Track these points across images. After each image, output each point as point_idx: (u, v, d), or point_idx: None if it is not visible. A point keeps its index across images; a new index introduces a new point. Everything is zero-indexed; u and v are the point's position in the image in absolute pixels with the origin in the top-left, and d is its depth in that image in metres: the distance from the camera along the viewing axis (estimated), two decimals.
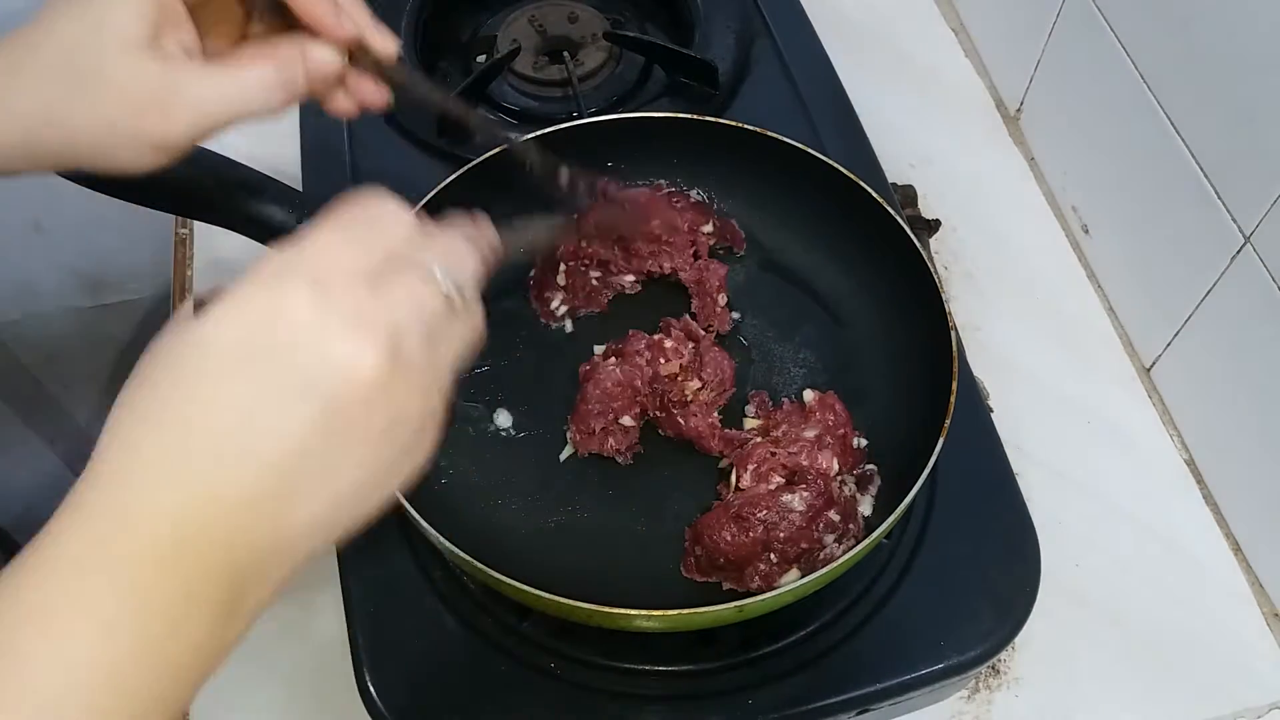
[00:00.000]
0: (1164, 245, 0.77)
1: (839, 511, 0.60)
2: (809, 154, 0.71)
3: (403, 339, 0.36)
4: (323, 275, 0.36)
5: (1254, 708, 0.69)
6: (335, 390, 0.35)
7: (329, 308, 0.35)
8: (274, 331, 0.35)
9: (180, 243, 0.89)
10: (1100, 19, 0.79)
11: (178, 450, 0.34)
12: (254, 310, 0.35)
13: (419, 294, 0.38)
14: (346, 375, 0.35)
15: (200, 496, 0.34)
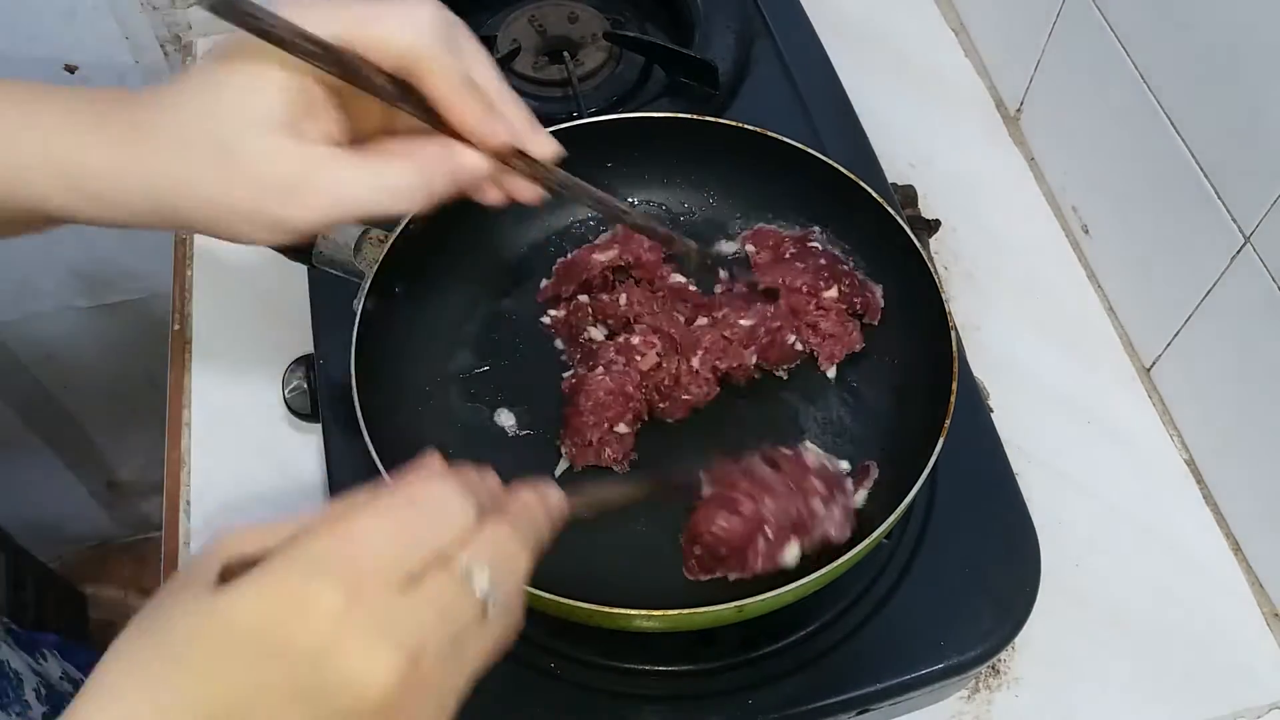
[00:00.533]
0: (1164, 245, 0.77)
1: (819, 477, 0.60)
2: (809, 154, 0.71)
3: (424, 653, 0.34)
4: (357, 576, 0.33)
5: (1254, 708, 0.69)
6: (342, 704, 0.33)
7: (354, 615, 0.33)
8: (293, 628, 0.32)
9: (180, 243, 0.89)
10: (1100, 19, 0.79)
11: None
12: (278, 599, 0.33)
13: (451, 603, 0.35)
14: (358, 691, 0.33)
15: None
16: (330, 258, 0.67)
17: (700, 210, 0.76)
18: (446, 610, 0.35)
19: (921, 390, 0.65)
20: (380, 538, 0.35)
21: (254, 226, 0.45)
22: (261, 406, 0.78)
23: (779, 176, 0.73)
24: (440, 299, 0.72)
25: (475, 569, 0.36)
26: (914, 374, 0.67)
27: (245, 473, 0.76)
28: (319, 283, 0.76)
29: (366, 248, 0.67)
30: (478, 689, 0.61)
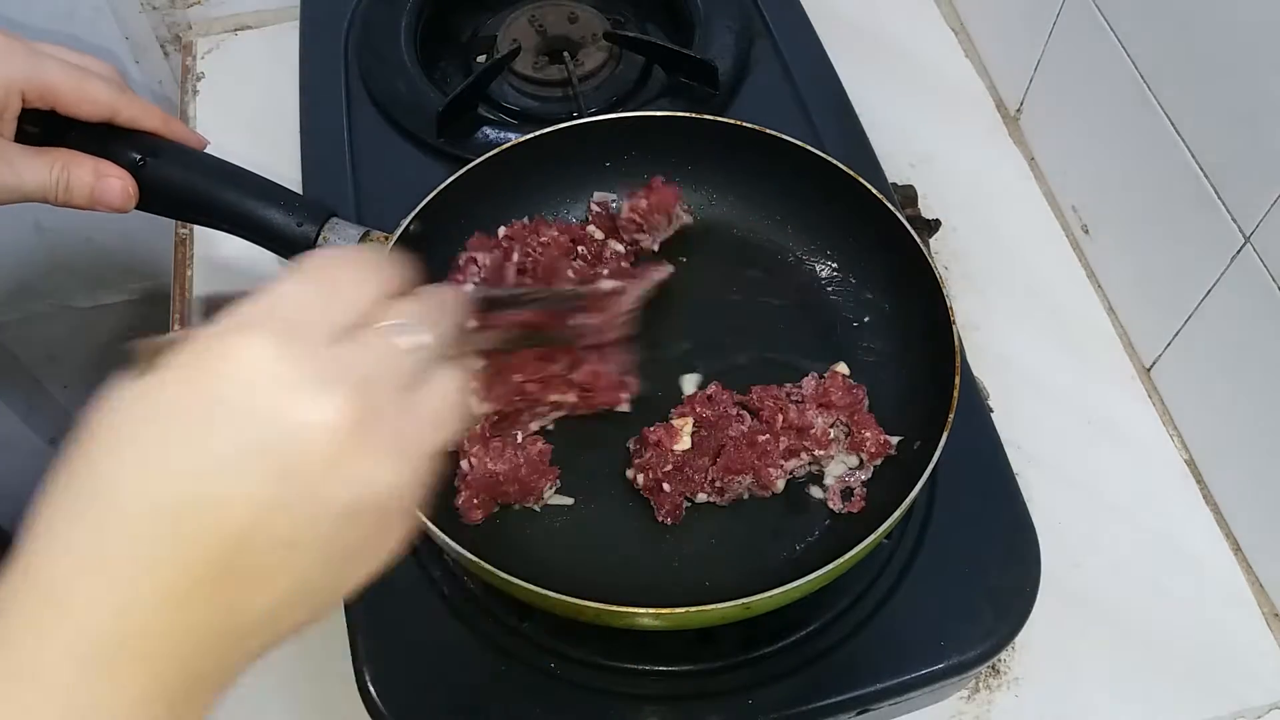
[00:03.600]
0: (1164, 245, 0.77)
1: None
2: (810, 153, 0.71)
3: (370, 395, 0.33)
4: (286, 327, 0.33)
5: (1254, 708, 0.69)
6: (292, 451, 0.32)
7: (292, 361, 0.32)
8: (228, 387, 0.32)
9: (180, 243, 0.89)
10: (1100, 19, 0.79)
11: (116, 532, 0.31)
12: (208, 363, 0.32)
13: (383, 356, 0.35)
14: (306, 435, 0.32)
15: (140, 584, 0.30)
16: None
17: (701, 210, 0.76)
18: (378, 360, 0.35)
19: (923, 390, 0.65)
20: (302, 296, 0.35)
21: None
22: None
23: (780, 175, 0.73)
24: None
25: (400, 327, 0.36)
26: (916, 373, 0.67)
27: None
28: None
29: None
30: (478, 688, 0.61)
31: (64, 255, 1.19)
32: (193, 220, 0.70)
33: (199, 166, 0.66)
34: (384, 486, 0.34)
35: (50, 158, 0.60)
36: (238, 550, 0.31)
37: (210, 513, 0.31)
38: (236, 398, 0.32)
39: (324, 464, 0.32)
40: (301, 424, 0.32)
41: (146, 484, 0.31)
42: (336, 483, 0.32)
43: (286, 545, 0.32)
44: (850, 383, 0.66)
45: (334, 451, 0.32)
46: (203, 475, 0.31)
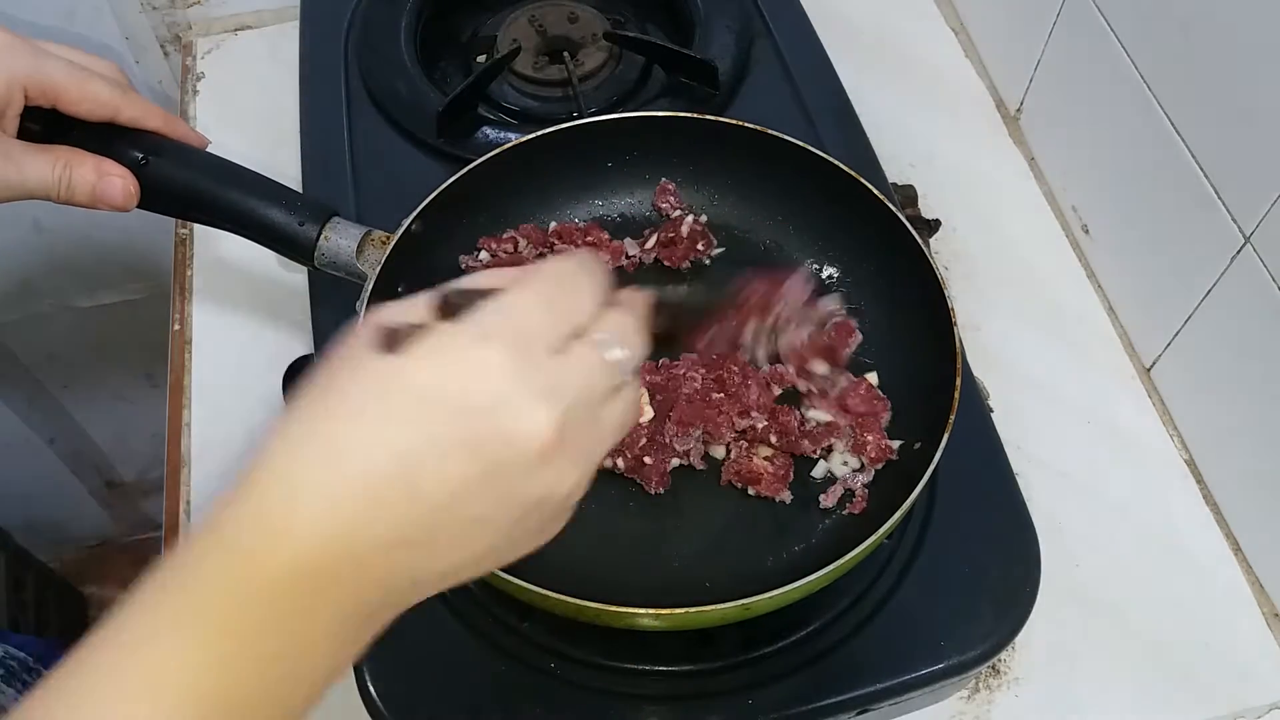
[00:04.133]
0: (1164, 245, 0.77)
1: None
2: (812, 153, 0.71)
3: (573, 416, 0.37)
4: (516, 340, 0.37)
5: (1254, 708, 0.69)
6: (504, 455, 0.36)
7: (517, 373, 0.36)
8: (467, 385, 0.36)
9: (180, 243, 0.89)
10: (1100, 19, 0.79)
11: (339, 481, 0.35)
12: (455, 362, 0.36)
13: (594, 371, 0.39)
14: (520, 444, 0.36)
15: (349, 532, 0.35)
16: (332, 260, 0.67)
17: (702, 210, 0.76)
18: (589, 376, 0.38)
19: (924, 390, 0.65)
20: (535, 310, 0.38)
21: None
22: (261, 407, 0.78)
23: (781, 176, 0.73)
24: None
25: (609, 341, 0.40)
26: (916, 373, 0.67)
27: None
28: (319, 283, 0.76)
29: (369, 249, 0.67)
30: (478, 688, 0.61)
31: (64, 255, 1.19)
32: (194, 219, 0.70)
33: (201, 166, 0.66)
34: (565, 489, 0.39)
35: (53, 155, 0.60)
36: (439, 515, 0.36)
37: (423, 481, 0.35)
38: (466, 396, 0.36)
39: (525, 465, 0.37)
40: (514, 430, 0.36)
41: (373, 438, 0.35)
42: (530, 481, 0.37)
43: (478, 522, 0.37)
44: (877, 393, 0.66)
45: (535, 457, 0.36)
46: (421, 451, 0.35)
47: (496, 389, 0.36)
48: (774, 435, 0.65)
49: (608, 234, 0.74)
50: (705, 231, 0.74)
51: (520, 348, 0.37)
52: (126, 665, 0.32)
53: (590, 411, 0.39)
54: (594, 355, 0.39)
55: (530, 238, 0.73)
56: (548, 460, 0.37)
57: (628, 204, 0.77)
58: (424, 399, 0.36)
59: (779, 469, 0.65)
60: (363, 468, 0.35)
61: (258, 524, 0.35)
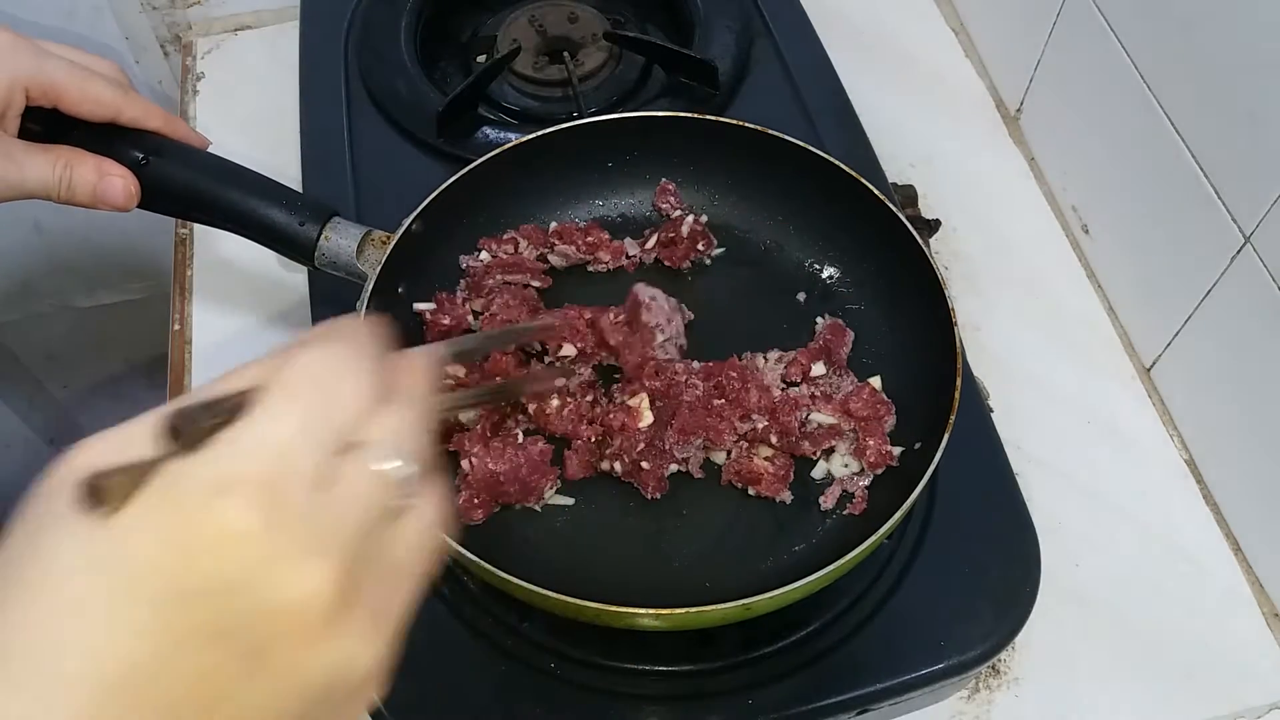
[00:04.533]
0: (1164, 245, 0.77)
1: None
2: (813, 154, 0.71)
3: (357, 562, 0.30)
4: (271, 485, 0.29)
5: (1254, 708, 0.69)
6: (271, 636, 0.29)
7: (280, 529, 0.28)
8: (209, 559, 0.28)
9: (180, 243, 0.89)
10: (1100, 19, 0.79)
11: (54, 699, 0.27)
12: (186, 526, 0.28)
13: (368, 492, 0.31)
14: (294, 612, 0.29)
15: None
16: (332, 260, 0.67)
17: (702, 210, 0.76)
18: (366, 502, 0.31)
19: (924, 390, 0.65)
20: (288, 432, 0.30)
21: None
22: None
23: (782, 176, 0.73)
24: None
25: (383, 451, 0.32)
26: (916, 374, 0.67)
27: None
28: (319, 283, 0.76)
29: (369, 249, 0.67)
30: (478, 688, 0.61)
31: (64, 255, 1.19)
32: (195, 219, 0.70)
33: (201, 166, 0.66)
34: (361, 665, 0.31)
35: (54, 155, 0.60)
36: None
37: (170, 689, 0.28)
38: (208, 570, 0.28)
39: (303, 642, 0.29)
40: (279, 602, 0.29)
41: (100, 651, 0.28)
42: (315, 661, 0.30)
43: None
44: (881, 398, 0.66)
45: (310, 635, 0.29)
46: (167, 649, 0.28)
47: (247, 554, 0.28)
48: (774, 435, 0.65)
49: (608, 234, 0.74)
50: (705, 232, 0.75)
51: (272, 489, 0.29)
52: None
53: (378, 549, 0.31)
54: (366, 475, 0.31)
55: (530, 238, 0.73)
56: (334, 627, 0.29)
57: (628, 204, 0.77)
58: (152, 582, 0.28)
59: (779, 469, 0.65)
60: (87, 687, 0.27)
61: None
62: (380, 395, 0.33)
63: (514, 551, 0.61)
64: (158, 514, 0.28)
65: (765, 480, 0.64)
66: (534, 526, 0.64)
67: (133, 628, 0.28)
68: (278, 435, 0.30)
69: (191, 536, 0.28)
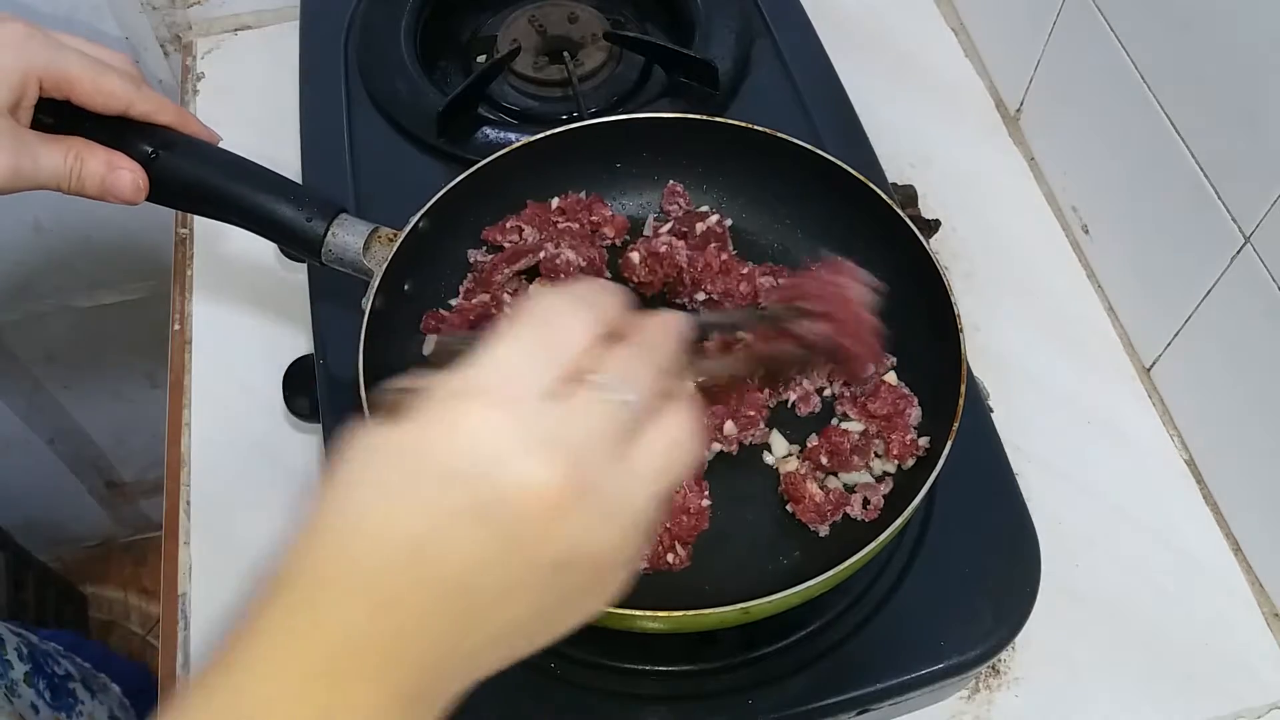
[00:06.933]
0: (1164, 245, 0.77)
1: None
2: (813, 153, 0.71)
3: (586, 462, 0.35)
4: (503, 396, 0.35)
5: (1254, 708, 0.69)
6: (511, 516, 0.34)
7: (510, 431, 0.34)
8: (454, 453, 0.34)
9: (180, 243, 0.89)
10: (1100, 19, 0.79)
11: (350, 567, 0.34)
12: (438, 429, 0.35)
13: (598, 415, 0.36)
14: (526, 502, 0.34)
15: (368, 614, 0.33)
16: (339, 256, 0.66)
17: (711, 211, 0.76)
18: (591, 418, 0.36)
19: (926, 394, 0.65)
20: (521, 357, 0.36)
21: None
22: (261, 406, 0.78)
23: (789, 179, 0.73)
24: (450, 295, 0.72)
25: (611, 383, 0.37)
26: (920, 378, 0.67)
27: (245, 473, 0.76)
28: (319, 282, 0.76)
29: (375, 246, 0.67)
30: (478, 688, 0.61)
31: (64, 255, 1.19)
32: (202, 213, 0.70)
33: (211, 161, 0.66)
34: (596, 545, 0.36)
35: (65, 146, 0.60)
36: (458, 593, 0.34)
37: (435, 561, 0.34)
38: (461, 463, 0.34)
39: (538, 525, 0.34)
40: (518, 489, 0.34)
41: (384, 526, 0.34)
42: (550, 542, 0.34)
43: (502, 592, 0.35)
44: (900, 391, 0.65)
45: (548, 514, 0.34)
46: (432, 529, 0.34)
47: (486, 448, 0.34)
48: (825, 456, 0.64)
49: (609, 209, 0.74)
50: (725, 234, 0.73)
51: (508, 399, 0.35)
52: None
53: (606, 458, 0.36)
54: (594, 399, 0.36)
55: (534, 221, 0.73)
56: (564, 514, 0.34)
57: (636, 205, 0.77)
58: (420, 470, 0.35)
59: (828, 502, 0.63)
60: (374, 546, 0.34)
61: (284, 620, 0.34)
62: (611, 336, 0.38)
63: None
64: (420, 419, 0.35)
65: (806, 504, 0.63)
66: None
67: (419, 502, 0.34)
68: (508, 355, 0.36)
69: (449, 430, 0.35)
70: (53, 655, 1.15)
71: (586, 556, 0.36)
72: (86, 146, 0.61)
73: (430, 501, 0.34)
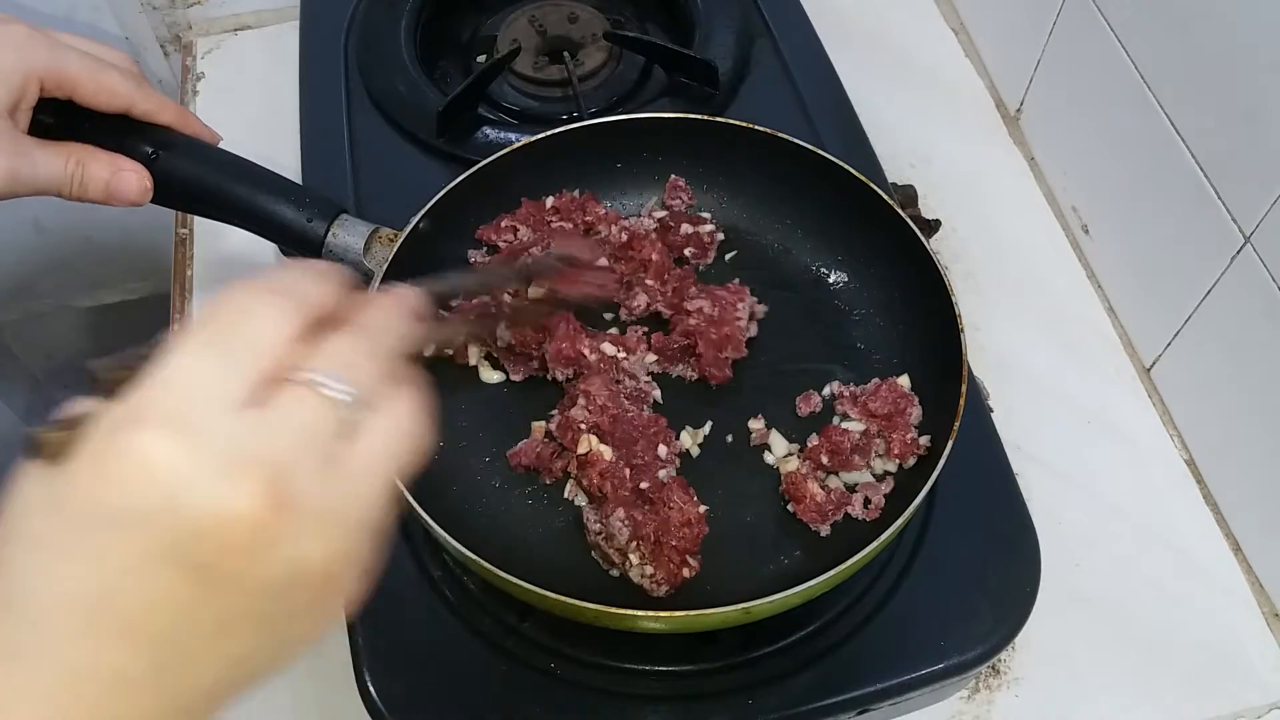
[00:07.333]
0: (1164, 245, 0.77)
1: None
2: (813, 152, 0.71)
3: (289, 473, 0.31)
4: (180, 415, 0.30)
5: (1254, 708, 0.69)
6: (206, 546, 0.30)
7: (189, 455, 0.30)
8: (128, 490, 0.30)
9: (180, 243, 0.89)
10: (1100, 19, 0.79)
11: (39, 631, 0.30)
12: (106, 464, 0.30)
13: (304, 415, 0.32)
14: (224, 526, 0.30)
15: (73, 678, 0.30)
16: (340, 257, 0.67)
17: (713, 211, 0.76)
18: (294, 421, 0.32)
19: (927, 394, 0.65)
20: (199, 370, 0.31)
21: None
22: None
23: (784, 176, 0.73)
24: None
25: (322, 377, 0.33)
26: (920, 378, 0.67)
27: None
28: None
29: (376, 246, 0.67)
30: (478, 688, 0.61)
31: (64, 255, 1.19)
32: (203, 214, 0.70)
33: (211, 161, 0.66)
34: (317, 559, 0.32)
35: (66, 151, 0.60)
36: (159, 644, 0.31)
37: (119, 617, 0.30)
38: (134, 501, 0.30)
39: (244, 552, 0.30)
40: (211, 519, 0.30)
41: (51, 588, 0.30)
42: (262, 566, 0.31)
43: (216, 630, 0.31)
44: (901, 391, 0.65)
45: (252, 539, 0.30)
46: (117, 579, 0.30)
47: (162, 479, 0.30)
48: (825, 455, 0.64)
49: (603, 207, 0.74)
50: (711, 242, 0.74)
51: (186, 417, 0.30)
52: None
53: (322, 458, 0.32)
54: (297, 397, 0.32)
55: (528, 220, 0.73)
56: (272, 534, 0.30)
57: (637, 204, 0.77)
58: (93, 514, 0.30)
59: (829, 501, 0.63)
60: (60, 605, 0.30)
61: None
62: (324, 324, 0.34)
63: (514, 551, 0.61)
64: (88, 453, 0.30)
65: (807, 504, 0.63)
66: (535, 525, 0.64)
67: (88, 556, 0.30)
68: (183, 367, 0.31)
69: (115, 467, 0.30)
70: None
71: (309, 573, 0.32)
72: (88, 151, 0.61)
73: (102, 552, 0.30)
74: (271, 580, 0.31)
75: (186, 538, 0.30)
